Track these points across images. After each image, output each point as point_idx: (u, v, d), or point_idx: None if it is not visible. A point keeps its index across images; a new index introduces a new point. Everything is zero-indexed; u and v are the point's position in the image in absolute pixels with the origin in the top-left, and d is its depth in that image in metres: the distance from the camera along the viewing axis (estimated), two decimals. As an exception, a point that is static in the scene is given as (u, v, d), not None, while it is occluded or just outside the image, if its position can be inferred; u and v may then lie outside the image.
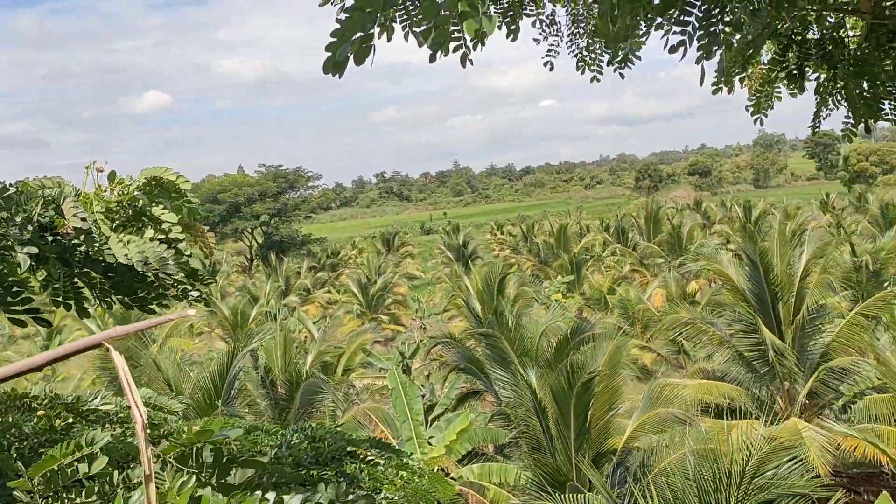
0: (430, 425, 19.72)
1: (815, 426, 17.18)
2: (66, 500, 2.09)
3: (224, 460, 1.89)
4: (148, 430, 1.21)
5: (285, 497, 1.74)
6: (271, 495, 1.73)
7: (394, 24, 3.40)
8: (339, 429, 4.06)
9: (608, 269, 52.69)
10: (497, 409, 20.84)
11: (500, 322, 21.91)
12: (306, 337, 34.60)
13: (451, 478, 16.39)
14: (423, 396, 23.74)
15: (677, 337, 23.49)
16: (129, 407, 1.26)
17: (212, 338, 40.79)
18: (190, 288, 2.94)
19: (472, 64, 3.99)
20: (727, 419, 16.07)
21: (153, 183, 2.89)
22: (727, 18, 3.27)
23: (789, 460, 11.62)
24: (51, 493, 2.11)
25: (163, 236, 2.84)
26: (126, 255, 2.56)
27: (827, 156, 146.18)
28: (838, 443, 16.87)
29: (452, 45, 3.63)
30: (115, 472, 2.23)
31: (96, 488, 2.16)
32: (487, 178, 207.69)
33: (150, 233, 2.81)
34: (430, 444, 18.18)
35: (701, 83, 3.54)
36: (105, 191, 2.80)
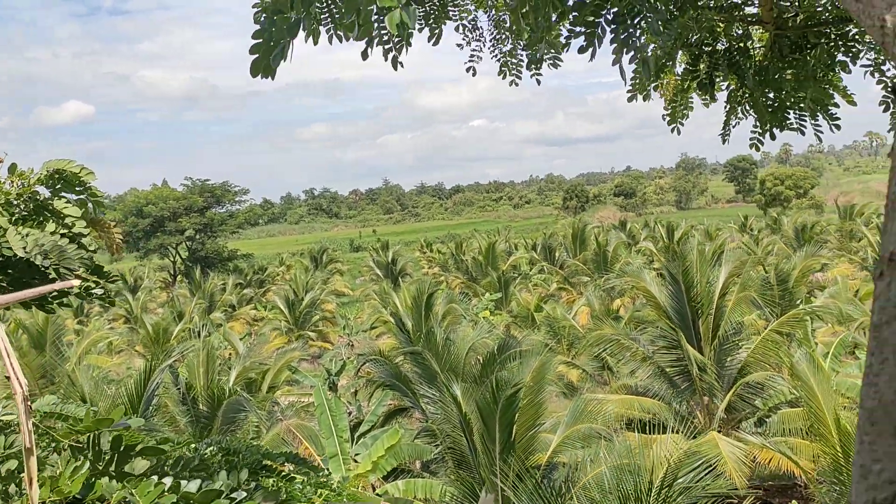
0: (357, 442, 19.51)
1: (732, 439, 17.64)
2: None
3: (122, 448, 1.81)
4: (29, 402, 1.14)
5: (182, 482, 1.66)
6: (168, 479, 1.65)
7: (320, 28, 3.36)
8: (255, 443, 3.94)
9: (535, 287, 53.26)
10: (424, 426, 20.76)
11: (428, 339, 21.88)
12: (231, 354, 33.88)
13: (377, 494, 16.23)
14: (350, 413, 23.48)
15: (602, 353, 23.84)
16: (7, 377, 1.19)
17: (132, 355, 39.53)
18: (94, 286, 2.82)
19: (402, 66, 3.99)
20: (650, 433, 16.37)
21: (56, 176, 2.77)
22: (642, 25, 3.36)
23: (707, 472, 11.92)
24: None
25: (66, 231, 2.72)
26: (24, 247, 2.43)
27: (745, 179, 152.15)
28: (754, 455, 17.38)
29: (383, 45, 3.63)
30: None
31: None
32: (417, 196, 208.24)
33: (51, 227, 2.68)
34: (355, 460, 17.99)
35: (625, 82, 3.63)
36: (4, 183, 2.67)
